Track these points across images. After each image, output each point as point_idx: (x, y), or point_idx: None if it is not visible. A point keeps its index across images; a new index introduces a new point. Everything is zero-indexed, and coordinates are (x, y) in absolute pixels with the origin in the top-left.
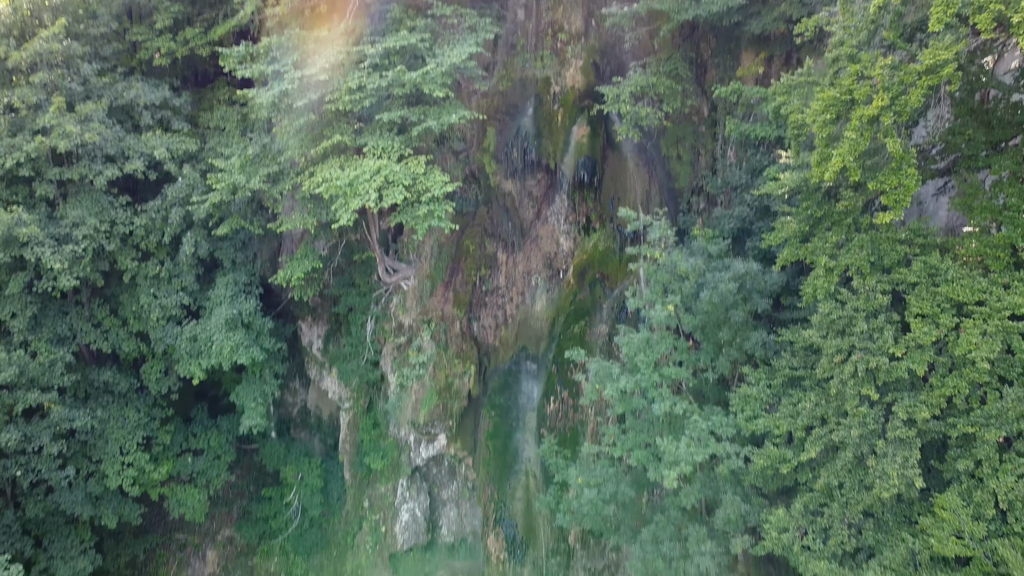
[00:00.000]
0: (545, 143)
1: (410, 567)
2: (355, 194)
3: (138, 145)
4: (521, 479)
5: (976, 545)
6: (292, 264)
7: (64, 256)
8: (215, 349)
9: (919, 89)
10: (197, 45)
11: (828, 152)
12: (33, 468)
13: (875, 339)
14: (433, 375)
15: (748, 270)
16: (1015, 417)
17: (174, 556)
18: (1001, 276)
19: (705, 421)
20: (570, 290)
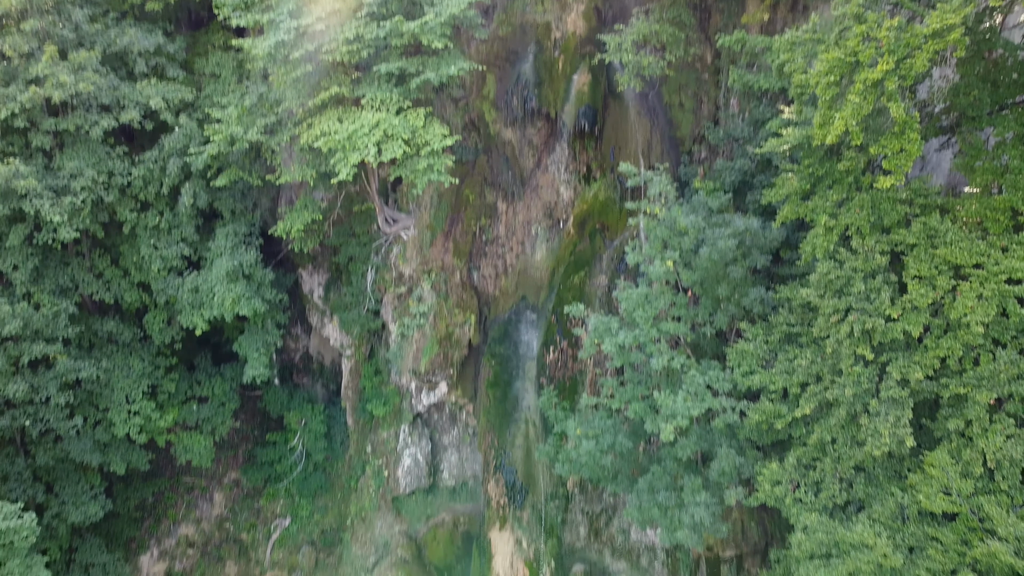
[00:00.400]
0: (546, 91)
1: (412, 510)
2: (354, 148)
3: (133, 94)
4: (521, 427)
5: (963, 501)
6: (292, 215)
7: (63, 208)
8: (217, 301)
9: (925, 53)
10: None
11: (831, 115)
12: (41, 418)
13: (872, 300)
14: (434, 324)
15: (748, 227)
16: (1007, 380)
17: (182, 498)
18: (1000, 239)
19: (702, 376)
20: (570, 240)
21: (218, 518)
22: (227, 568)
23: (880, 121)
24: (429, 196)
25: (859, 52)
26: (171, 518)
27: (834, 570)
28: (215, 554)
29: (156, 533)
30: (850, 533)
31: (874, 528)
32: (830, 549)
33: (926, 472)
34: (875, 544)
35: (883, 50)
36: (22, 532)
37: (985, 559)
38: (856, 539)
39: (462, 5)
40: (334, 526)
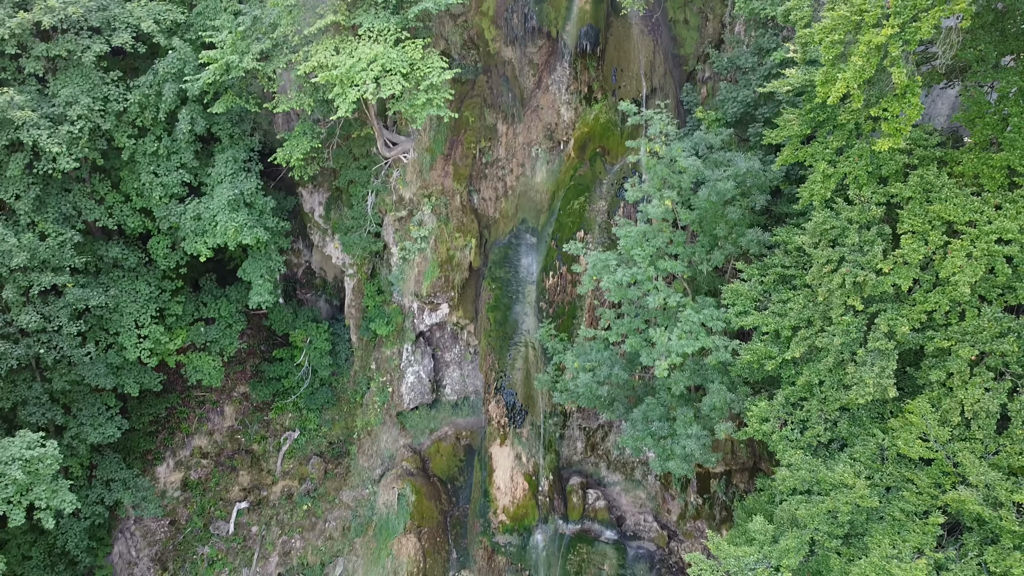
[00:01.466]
0: (547, 9)
1: (416, 423)
2: (352, 84)
3: (124, 15)
4: (521, 350)
5: (940, 447)
6: (291, 143)
7: (61, 137)
8: (219, 229)
9: (931, 19)
10: None
11: (834, 74)
12: (55, 346)
13: (865, 252)
14: (434, 248)
15: (749, 168)
16: (990, 337)
17: (194, 412)
18: (995, 196)
19: (697, 314)
20: (571, 164)
21: (229, 430)
22: (240, 477)
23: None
24: (428, 119)
25: (865, 12)
26: (184, 431)
27: (815, 506)
28: (228, 464)
29: (171, 445)
30: (831, 473)
31: (854, 468)
32: (812, 486)
33: (906, 418)
34: (854, 484)
35: (889, 11)
36: (46, 460)
37: (955, 504)
38: (836, 479)
39: None
40: (341, 438)
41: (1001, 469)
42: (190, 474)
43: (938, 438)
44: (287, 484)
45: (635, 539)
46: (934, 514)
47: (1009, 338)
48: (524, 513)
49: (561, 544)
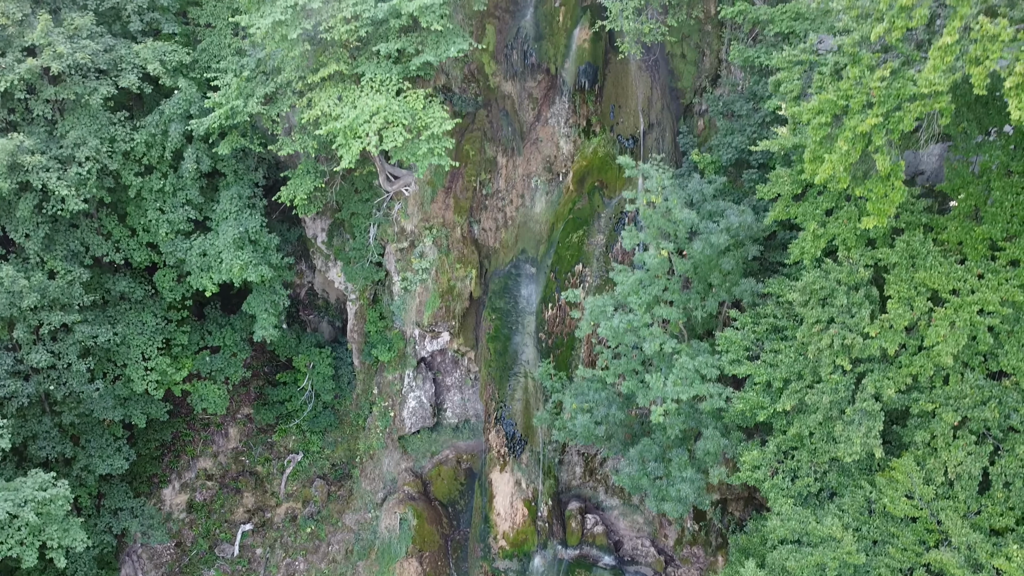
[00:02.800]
0: (546, 46)
1: (418, 447)
2: (355, 136)
3: (130, 56)
4: (520, 381)
5: (924, 506)
6: (294, 182)
7: (70, 180)
8: (225, 267)
9: (912, 112)
10: None
11: (821, 154)
12: (64, 382)
13: (853, 314)
14: (436, 278)
15: (741, 223)
16: (972, 404)
17: (199, 434)
18: (977, 266)
19: (692, 360)
20: (569, 196)
21: (234, 451)
22: (244, 499)
23: (867, 164)
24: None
25: (851, 97)
26: (189, 454)
27: (804, 558)
28: (232, 486)
29: (176, 468)
30: (820, 526)
31: (843, 520)
32: (801, 536)
33: (892, 475)
34: (842, 538)
35: (873, 100)
36: (57, 500)
37: (937, 564)
38: (825, 532)
39: None
40: (344, 460)
41: (982, 530)
42: (195, 496)
43: (923, 496)
44: (291, 506)
45: (632, 564)
46: (918, 571)
47: (991, 404)
48: (524, 539)
49: (560, 570)
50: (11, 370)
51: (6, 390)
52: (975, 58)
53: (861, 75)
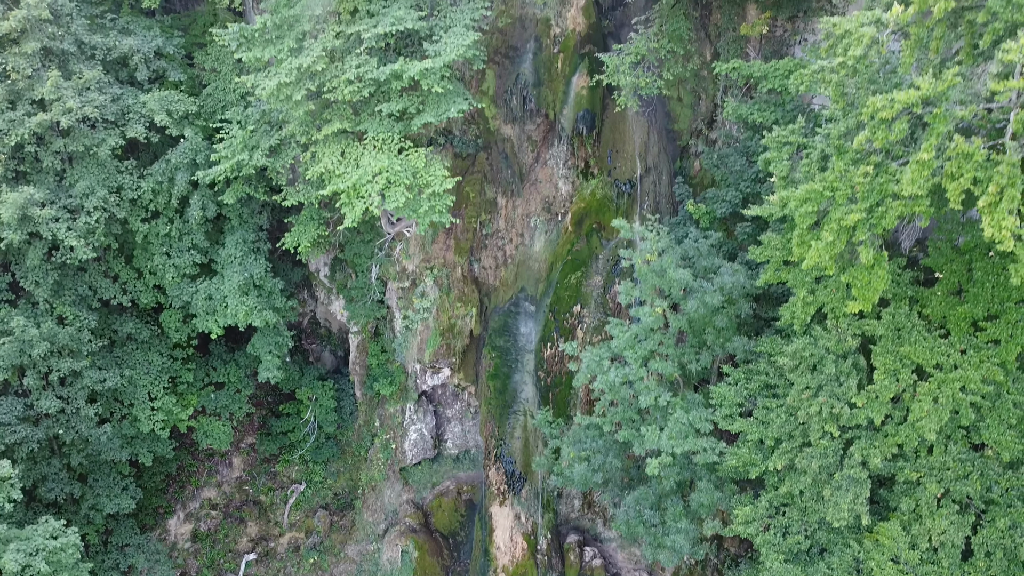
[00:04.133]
0: (545, 92)
1: (419, 478)
2: (359, 196)
3: (137, 105)
4: (520, 419)
5: (910, 571)
6: (298, 229)
7: (79, 229)
8: (230, 312)
9: (893, 211)
10: None
11: (808, 240)
12: (73, 426)
13: (841, 383)
14: (437, 317)
15: (734, 283)
16: (954, 477)
17: (203, 465)
18: (960, 342)
19: (687, 414)
20: (568, 237)
21: (238, 481)
22: (248, 528)
23: (852, 252)
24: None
25: (836, 189)
26: (194, 484)
27: None
28: (236, 515)
29: (181, 498)
30: None
31: None
32: None
33: (879, 540)
34: None
35: (857, 195)
36: (68, 549)
37: None
38: None
39: (464, 47)
40: (346, 490)
41: None
42: (200, 525)
43: (908, 561)
44: (294, 536)
45: None
46: None
47: (972, 477)
48: (523, 572)
49: None
50: (21, 416)
51: (17, 435)
52: (951, 173)
53: (846, 168)
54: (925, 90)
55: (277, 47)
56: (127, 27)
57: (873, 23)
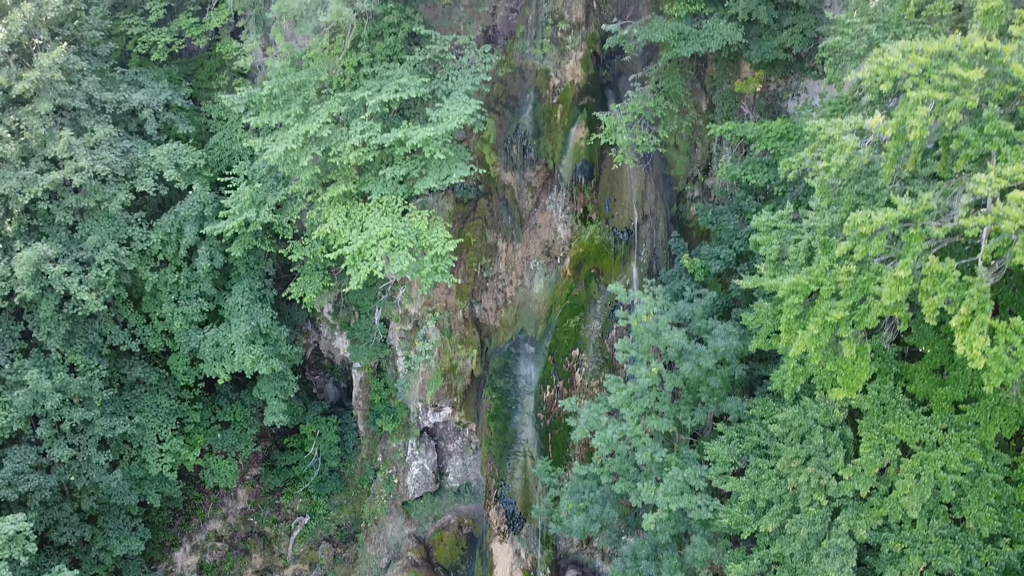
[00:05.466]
0: (544, 142)
1: (421, 512)
2: (363, 259)
3: (147, 159)
4: (520, 460)
5: None
6: (303, 280)
7: (90, 283)
8: (237, 360)
9: (875, 312)
10: (193, 36)
11: (795, 328)
12: (84, 473)
13: (829, 454)
14: (438, 358)
15: (728, 347)
16: (936, 552)
17: (208, 498)
18: (942, 420)
19: (682, 471)
20: (566, 282)
21: (243, 512)
22: (253, 560)
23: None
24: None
25: (821, 284)
26: (200, 516)
27: None
28: (241, 547)
29: (187, 530)
30: None
31: None
32: None
33: None
34: None
35: (841, 292)
36: None
37: None
38: None
39: (465, 115)
40: (349, 522)
41: None
42: (205, 557)
43: None
44: (298, 568)
45: None
46: None
47: (953, 551)
48: None
49: None
50: (35, 464)
51: (31, 484)
52: (926, 290)
53: (830, 265)
54: (902, 211)
55: (284, 112)
56: (136, 79)
57: (855, 131)
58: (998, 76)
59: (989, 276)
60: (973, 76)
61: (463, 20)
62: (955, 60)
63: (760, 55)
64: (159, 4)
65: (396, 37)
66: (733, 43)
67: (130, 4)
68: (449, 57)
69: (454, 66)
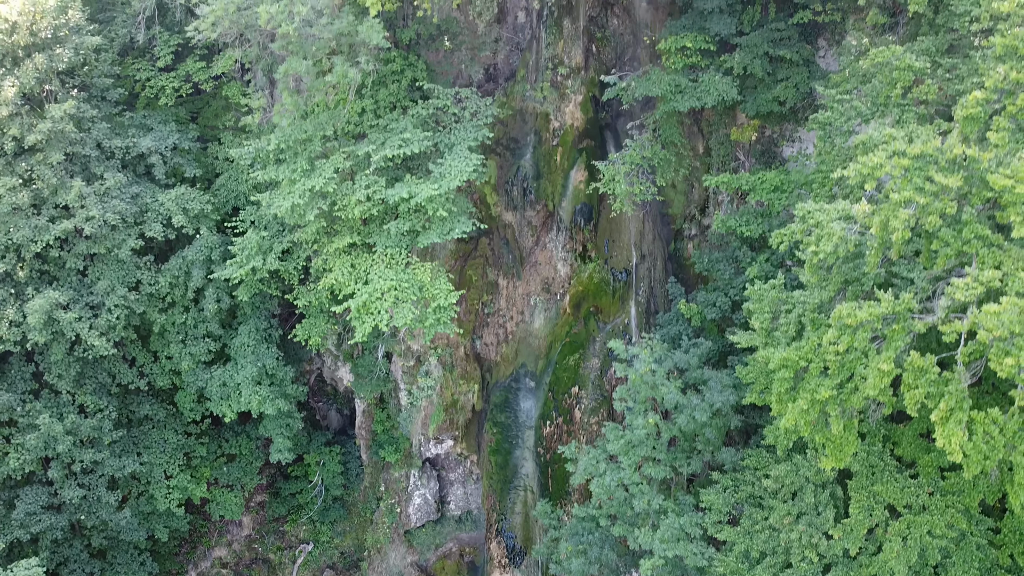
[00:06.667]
0: (544, 184)
1: (423, 540)
2: (368, 313)
3: (155, 205)
4: (520, 494)
5: None
6: (308, 323)
7: (100, 327)
8: (244, 400)
9: (861, 393)
10: (201, 80)
11: (785, 402)
12: (94, 512)
13: (820, 511)
14: (440, 393)
15: (723, 402)
16: None
17: (214, 526)
18: (928, 484)
19: (678, 519)
20: (566, 319)
21: (247, 539)
22: None
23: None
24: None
25: (810, 361)
26: (205, 544)
27: None
28: (246, 574)
29: (193, 558)
30: None
31: None
32: None
33: None
34: None
35: (830, 371)
36: None
37: None
38: None
39: (468, 172)
40: (352, 549)
41: None
42: None
43: None
44: None
45: None
46: None
47: None
48: None
49: None
50: (46, 504)
51: (43, 524)
52: (908, 383)
53: (819, 343)
54: (885, 307)
55: (291, 167)
56: (144, 122)
57: (842, 218)
58: (976, 182)
59: (966, 378)
60: (952, 183)
61: (464, 62)
62: (935, 164)
63: (755, 108)
64: (167, 50)
65: (399, 85)
66: (729, 99)
67: (138, 47)
68: (452, 111)
69: (457, 118)
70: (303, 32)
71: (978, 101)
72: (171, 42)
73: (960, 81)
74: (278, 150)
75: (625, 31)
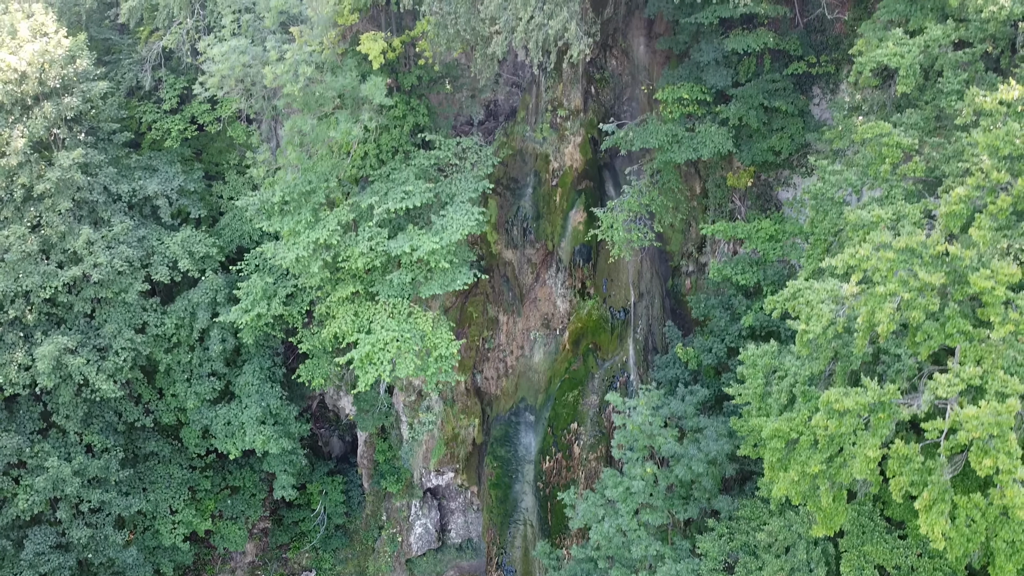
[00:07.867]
0: (544, 224)
1: (424, 568)
2: (371, 363)
3: (161, 248)
4: (520, 528)
5: None
6: (312, 363)
7: (107, 370)
8: (248, 439)
9: (849, 471)
10: (206, 122)
11: (777, 470)
12: (102, 551)
13: (811, 569)
14: (441, 428)
15: (719, 451)
16: None
17: (218, 554)
18: (916, 546)
19: (675, 564)
20: (565, 355)
21: (251, 566)
22: None
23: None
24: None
25: (801, 433)
26: (209, 572)
27: None
28: None
29: None
30: None
31: None
32: None
33: None
34: None
35: (819, 446)
36: None
37: None
38: None
39: (469, 226)
40: None
41: None
42: None
43: None
44: None
45: None
46: None
47: None
48: None
49: None
50: (54, 544)
51: (51, 564)
52: (893, 470)
53: (809, 415)
54: (871, 395)
55: (295, 218)
56: (150, 163)
57: (831, 299)
58: (958, 280)
59: (948, 470)
60: (935, 280)
61: (465, 103)
62: (919, 259)
63: (751, 157)
64: (173, 93)
65: (402, 130)
66: (724, 151)
67: (143, 87)
68: (454, 161)
69: (458, 168)
70: (307, 89)
71: (960, 198)
72: (177, 85)
73: (946, 162)
74: (282, 201)
75: (624, 71)
